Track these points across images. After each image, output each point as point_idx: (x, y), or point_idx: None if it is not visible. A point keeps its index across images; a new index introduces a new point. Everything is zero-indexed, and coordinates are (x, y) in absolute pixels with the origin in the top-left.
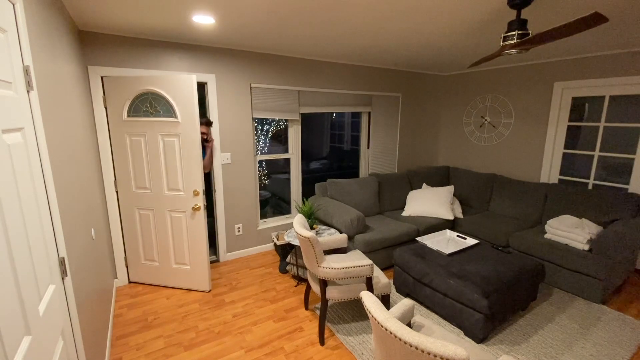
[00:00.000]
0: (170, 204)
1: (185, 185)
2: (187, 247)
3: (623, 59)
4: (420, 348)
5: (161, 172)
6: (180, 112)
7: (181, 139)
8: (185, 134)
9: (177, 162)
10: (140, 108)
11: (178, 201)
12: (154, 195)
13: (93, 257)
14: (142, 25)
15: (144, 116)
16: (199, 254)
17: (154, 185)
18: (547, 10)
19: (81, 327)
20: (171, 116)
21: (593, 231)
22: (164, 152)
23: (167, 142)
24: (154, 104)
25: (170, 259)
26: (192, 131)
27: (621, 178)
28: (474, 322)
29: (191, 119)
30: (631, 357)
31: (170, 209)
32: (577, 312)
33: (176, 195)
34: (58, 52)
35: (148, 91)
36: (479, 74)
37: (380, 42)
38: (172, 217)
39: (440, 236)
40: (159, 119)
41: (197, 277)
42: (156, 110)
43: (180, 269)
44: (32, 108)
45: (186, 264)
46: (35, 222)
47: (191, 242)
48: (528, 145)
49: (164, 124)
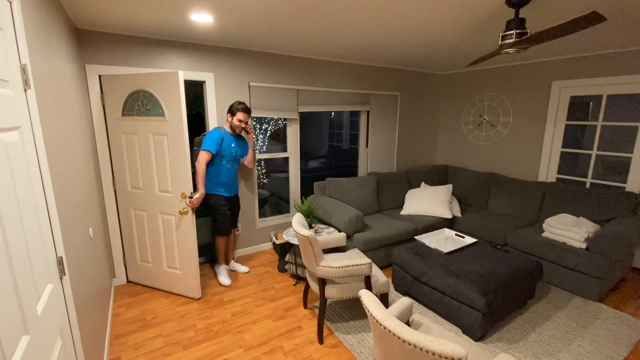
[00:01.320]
0: (161, 205)
1: (174, 186)
2: (177, 252)
3: (621, 58)
4: (419, 346)
5: (153, 172)
6: (167, 110)
7: (169, 138)
8: (173, 133)
9: (167, 162)
10: (134, 106)
11: (168, 203)
12: (147, 195)
13: (91, 256)
14: (140, 23)
15: (137, 115)
16: (188, 259)
17: (146, 185)
18: (545, 9)
19: (79, 326)
20: (160, 115)
21: (590, 230)
22: (155, 152)
23: (157, 141)
24: (145, 102)
25: (162, 262)
26: (180, 130)
27: (618, 177)
28: (472, 320)
29: (178, 117)
30: (628, 354)
31: (162, 211)
32: (574, 310)
33: (166, 197)
34: (55, 50)
35: (139, 89)
36: (477, 73)
37: (379, 41)
38: (163, 219)
39: (439, 235)
40: (150, 117)
41: (188, 283)
42: (147, 108)
43: (172, 273)
44: (29, 107)
45: (177, 268)
46: (33, 221)
47: (181, 246)
48: (526, 144)
49: (153, 123)
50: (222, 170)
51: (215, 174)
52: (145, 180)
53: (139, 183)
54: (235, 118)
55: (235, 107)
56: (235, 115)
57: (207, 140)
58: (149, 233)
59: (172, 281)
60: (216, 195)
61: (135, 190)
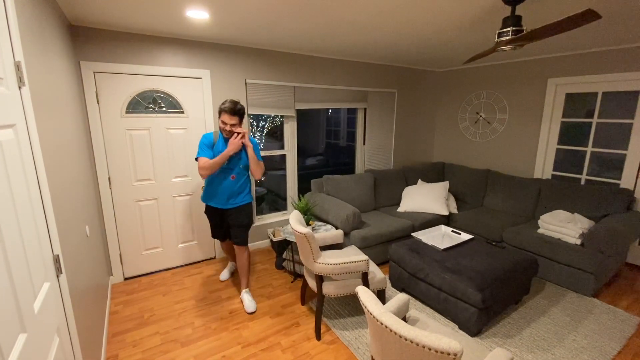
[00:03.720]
0: (176, 190)
1: (191, 171)
2: (193, 225)
3: (616, 56)
4: (415, 341)
5: (168, 162)
6: (187, 108)
7: (189, 131)
8: (193, 127)
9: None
10: (141, 104)
11: (184, 186)
12: (159, 184)
13: (88, 254)
14: (135, 19)
15: (147, 112)
16: (203, 228)
17: (158, 175)
18: (541, 7)
19: (77, 324)
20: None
21: (585, 226)
22: (173, 144)
23: (175, 135)
24: (159, 101)
25: (176, 241)
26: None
27: (613, 173)
28: (469, 316)
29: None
30: (621, 348)
31: (177, 194)
32: (569, 305)
33: (181, 181)
34: (50, 47)
35: (152, 89)
36: (474, 70)
37: (376, 37)
38: (177, 201)
39: (435, 231)
40: (165, 114)
41: (204, 248)
42: (160, 107)
43: (187, 246)
44: (24, 104)
45: (193, 240)
46: (29, 220)
47: (196, 218)
48: (522, 141)
49: (171, 120)
50: (214, 180)
51: (207, 182)
52: (157, 170)
53: (150, 175)
54: (220, 119)
55: (220, 107)
56: (220, 116)
57: (199, 146)
58: (159, 219)
59: (187, 253)
60: (206, 205)
61: (142, 183)
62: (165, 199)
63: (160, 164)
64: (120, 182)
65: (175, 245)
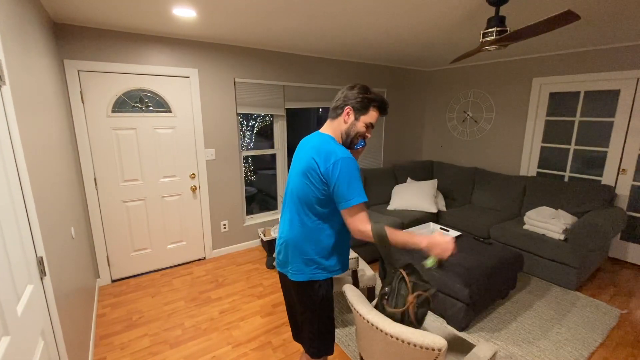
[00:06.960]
0: (164, 190)
1: (180, 171)
2: (181, 226)
3: (596, 56)
4: (401, 338)
5: (155, 161)
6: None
7: (177, 130)
8: (181, 126)
9: (173, 151)
10: (127, 104)
11: (172, 186)
12: (147, 185)
13: (73, 256)
14: (120, 17)
15: (133, 112)
16: (192, 229)
17: (146, 175)
18: (524, 8)
19: (62, 327)
20: (166, 111)
21: (568, 221)
22: (160, 143)
23: (162, 134)
24: (146, 100)
25: (164, 241)
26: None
27: (595, 170)
28: (457, 311)
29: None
30: (603, 340)
31: (165, 195)
32: (553, 299)
33: (170, 182)
34: (31, 45)
35: (138, 88)
36: (461, 69)
37: (364, 36)
38: (165, 202)
39: (424, 229)
40: (152, 114)
41: (194, 249)
42: (147, 106)
43: (176, 247)
44: (4, 103)
45: (182, 240)
46: (10, 221)
47: (185, 219)
48: (508, 139)
49: (158, 119)
50: (343, 231)
51: (337, 236)
52: (145, 170)
53: (137, 175)
54: (361, 119)
55: (370, 98)
56: (366, 113)
57: (353, 176)
58: (148, 219)
59: (177, 254)
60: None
61: (129, 183)
62: (154, 200)
63: (148, 164)
64: (106, 183)
65: (164, 246)
